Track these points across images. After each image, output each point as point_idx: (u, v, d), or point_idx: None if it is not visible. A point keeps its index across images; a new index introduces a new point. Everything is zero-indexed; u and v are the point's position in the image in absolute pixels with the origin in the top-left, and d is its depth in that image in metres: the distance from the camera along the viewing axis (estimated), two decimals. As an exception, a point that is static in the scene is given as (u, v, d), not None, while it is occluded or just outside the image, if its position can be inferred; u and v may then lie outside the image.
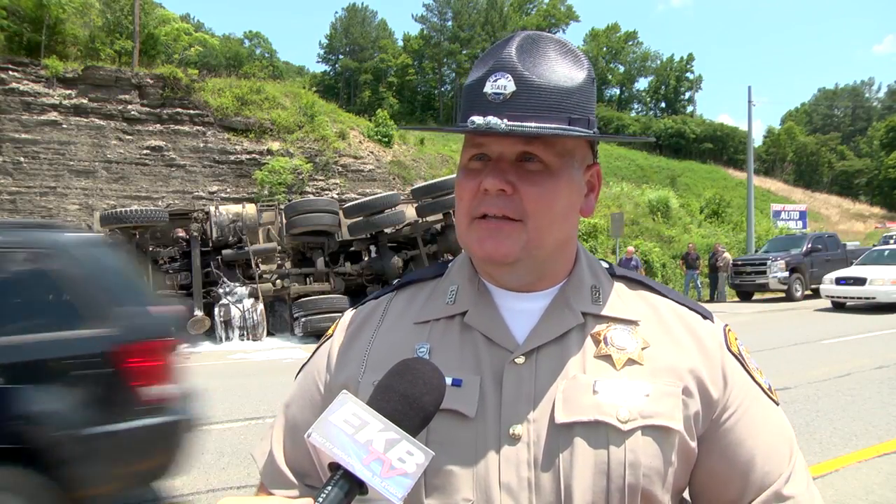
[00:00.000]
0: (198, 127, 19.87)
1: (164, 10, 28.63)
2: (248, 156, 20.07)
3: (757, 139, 63.76)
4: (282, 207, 14.40)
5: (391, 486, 0.55)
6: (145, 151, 18.96)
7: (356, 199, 15.26)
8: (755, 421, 0.80)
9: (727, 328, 0.86)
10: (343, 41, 64.67)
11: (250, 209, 13.73)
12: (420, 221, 13.93)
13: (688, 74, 68.00)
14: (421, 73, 62.64)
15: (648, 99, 70.08)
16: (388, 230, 13.76)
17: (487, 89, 0.74)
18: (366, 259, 14.04)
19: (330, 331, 0.92)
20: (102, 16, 23.03)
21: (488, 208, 0.77)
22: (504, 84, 0.73)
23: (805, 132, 68.48)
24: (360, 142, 22.95)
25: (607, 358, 0.78)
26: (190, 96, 20.07)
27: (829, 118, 79.17)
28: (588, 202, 0.84)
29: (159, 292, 12.74)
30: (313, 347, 0.96)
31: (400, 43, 64.69)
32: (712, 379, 0.79)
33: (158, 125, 19.34)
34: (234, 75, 24.73)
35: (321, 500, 0.55)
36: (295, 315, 12.94)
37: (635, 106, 70.25)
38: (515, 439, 0.74)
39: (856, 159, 64.27)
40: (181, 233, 13.24)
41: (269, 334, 13.08)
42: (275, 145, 20.42)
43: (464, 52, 58.47)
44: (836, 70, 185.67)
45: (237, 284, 12.91)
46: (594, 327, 0.80)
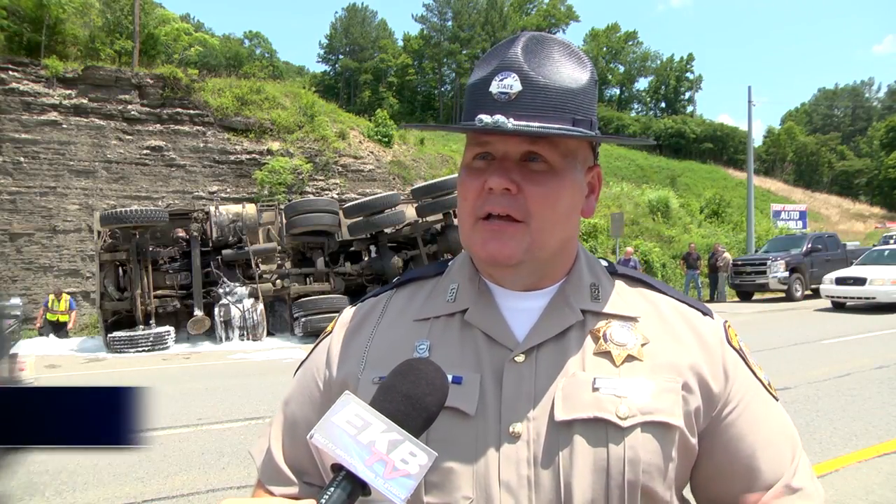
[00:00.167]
0: (198, 127, 19.85)
1: (164, 10, 28.64)
2: (248, 156, 20.06)
3: (757, 139, 63.84)
4: (282, 207, 14.39)
5: (394, 488, 0.55)
6: (145, 151, 18.94)
7: (356, 199, 15.25)
8: (757, 415, 0.80)
9: (727, 324, 0.86)
10: (343, 41, 64.62)
11: (250, 209, 13.72)
12: (420, 221, 13.92)
13: (688, 74, 67.98)
14: (421, 73, 62.57)
15: (648, 99, 70.03)
16: (388, 230, 13.76)
17: (493, 88, 0.74)
18: (366, 259, 14.03)
19: (329, 328, 0.92)
20: (102, 16, 23.01)
21: (492, 207, 0.77)
22: (510, 84, 0.74)
23: (805, 132, 68.44)
24: (360, 142, 22.93)
25: (607, 355, 0.78)
26: (190, 96, 20.05)
27: (829, 118, 79.14)
28: (589, 203, 0.85)
29: (159, 292, 12.82)
30: None
31: (400, 43, 64.63)
32: (713, 374, 0.79)
33: (158, 125, 19.32)
34: (234, 75, 24.70)
35: (324, 502, 0.55)
36: (295, 315, 12.94)
37: (635, 106, 70.24)
38: (515, 437, 0.74)
39: (856, 159, 64.25)
40: (181, 233, 13.24)
41: (269, 334, 13.08)
42: (275, 145, 20.41)
43: (464, 52, 58.43)
44: (836, 70, 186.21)
45: (237, 284, 12.91)
46: (594, 324, 0.81)
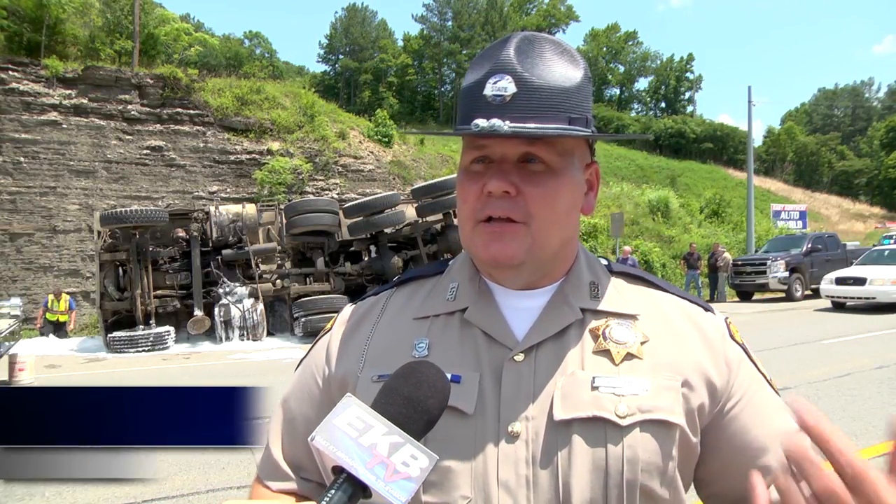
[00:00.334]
0: (198, 127, 19.86)
1: (164, 10, 28.68)
2: (248, 156, 20.07)
3: (757, 139, 63.78)
4: (282, 207, 14.40)
5: (395, 490, 0.55)
6: (145, 151, 18.95)
7: (356, 199, 15.26)
8: (761, 409, 0.79)
9: (728, 320, 0.86)
10: (343, 41, 64.55)
11: (250, 209, 13.73)
12: (420, 221, 13.92)
13: (688, 74, 67.88)
14: (421, 73, 62.50)
15: (648, 99, 69.95)
16: (388, 230, 13.76)
17: (488, 91, 0.74)
18: (366, 259, 14.04)
19: (329, 325, 0.92)
20: (102, 16, 23.04)
21: (493, 210, 0.77)
22: (504, 86, 0.73)
23: (805, 132, 68.41)
24: (360, 142, 22.95)
25: (606, 353, 0.77)
26: (190, 96, 20.06)
27: (829, 118, 79.13)
28: (588, 200, 0.84)
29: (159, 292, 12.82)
30: None
31: (400, 43, 64.56)
32: (716, 368, 0.79)
33: (158, 125, 19.33)
34: (234, 75, 24.72)
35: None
36: (295, 315, 12.94)
37: (635, 106, 70.12)
38: (514, 437, 0.73)
39: (856, 159, 64.21)
40: (181, 233, 13.24)
41: (269, 334, 13.09)
42: (275, 145, 20.41)
43: (464, 52, 58.36)
44: (836, 70, 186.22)
45: (237, 284, 12.92)
46: (593, 323, 0.80)
